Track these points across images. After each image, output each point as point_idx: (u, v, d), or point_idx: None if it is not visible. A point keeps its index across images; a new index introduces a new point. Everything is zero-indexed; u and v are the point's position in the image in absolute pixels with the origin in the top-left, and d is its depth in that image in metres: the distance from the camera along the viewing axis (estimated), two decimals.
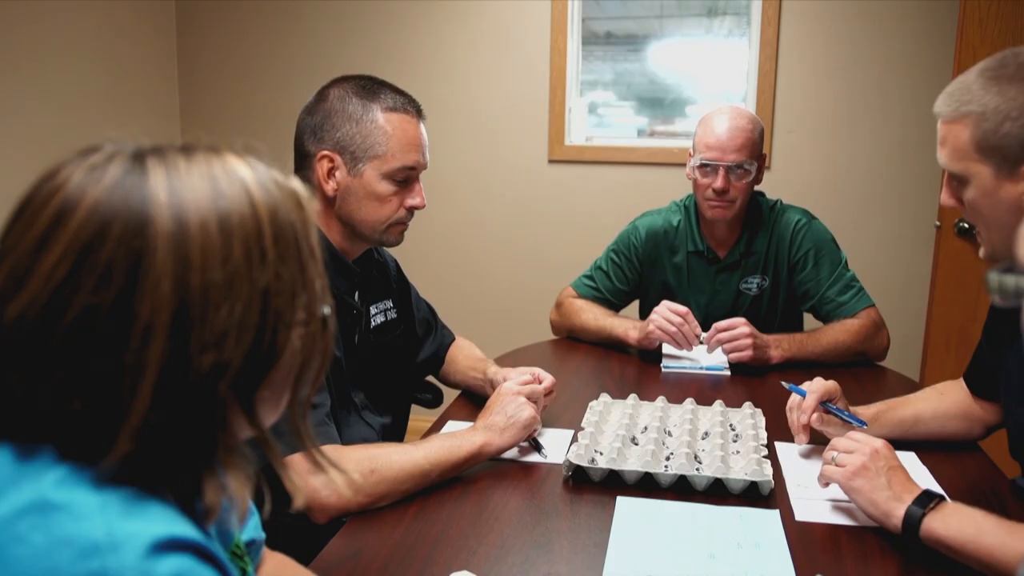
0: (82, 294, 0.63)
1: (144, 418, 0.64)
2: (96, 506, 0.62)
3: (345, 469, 0.86)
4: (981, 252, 1.33)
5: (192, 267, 0.64)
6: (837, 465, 1.29)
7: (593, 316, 2.25)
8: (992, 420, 1.58)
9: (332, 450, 1.33)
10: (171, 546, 0.61)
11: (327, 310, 0.74)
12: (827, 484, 1.32)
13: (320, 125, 1.49)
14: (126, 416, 0.64)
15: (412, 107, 1.55)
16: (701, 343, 2.07)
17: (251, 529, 0.96)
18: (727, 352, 2.01)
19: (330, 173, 1.50)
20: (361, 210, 1.52)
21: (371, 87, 1.52)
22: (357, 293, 1.64)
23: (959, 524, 1.13)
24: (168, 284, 0.64)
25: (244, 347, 0.66)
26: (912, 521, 1.16)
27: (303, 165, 1.53)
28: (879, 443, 1.28)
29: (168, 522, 0.63)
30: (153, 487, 0.65)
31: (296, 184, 0.74)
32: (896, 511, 1.19)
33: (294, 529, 1.26)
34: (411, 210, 1.57)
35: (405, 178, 1.54)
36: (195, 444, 0.68)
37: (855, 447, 1.28)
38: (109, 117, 3.31)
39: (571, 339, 2.31)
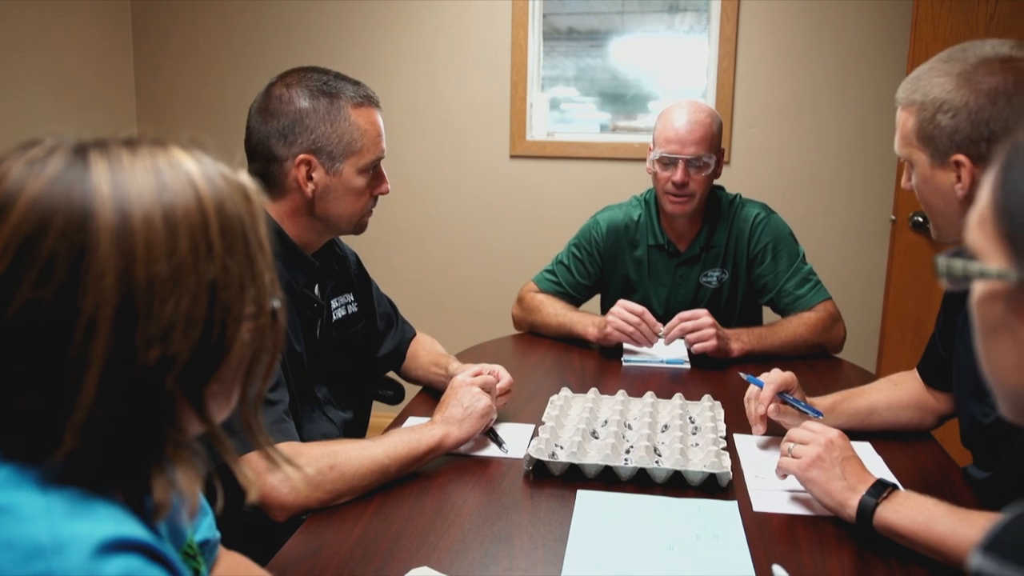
0: (23, 289, 0.62)
1: (89, 414, 0.62)
2: (40, 507, 0.61)
3: (299, 465, 0.85)
4: (932, 231, 1.39)
5: (136, 260, 0.63)
6: (793, 456, 1.31)
7: (553, 311, 2.25)
8: (945, 410, 1.61)
9: (290, 447, 1.31)
10: (118, 547, 0.60)
11: (277, 303, 0.74)
12: (784, 475, 1.34)
13: (290, 129, 1.48)
14: (71, 413, 0.62)
15: (372, 98, 1.56)
16: (660, 336, 2.09)
17: (205, 529, 0.95)
18: (691, 342, 2.03)
19: (308, 175, 1.49)
20: (340, 205, 1.54)
21: (331, 82, 1.51)
22: (317, 287, 1.62)
23: (911, 512, 1.15)
24: (112, 278, 0.62)
25: (191, 341, 0.66)
26: (866, 511, 1.18)
27: (270, 169, 1.50)
28: (834, 434, 1.30)
29: (115, 522, 0.62)
30: (100, 486, 0.64)
31: (244, 177, 0.73)
32: (850, 501, 1.21)
33: (254, 528, 1.25)
34: (377, 197, 1.61)
35: (374, 168, 1.56)
36: (142, 440, 0.66)
37: (811, 438, 1.30)
38: (64, 113, 3.24)
39: (533, 334, 2.31)
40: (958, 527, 1.11)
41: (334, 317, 1.67)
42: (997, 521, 0.54)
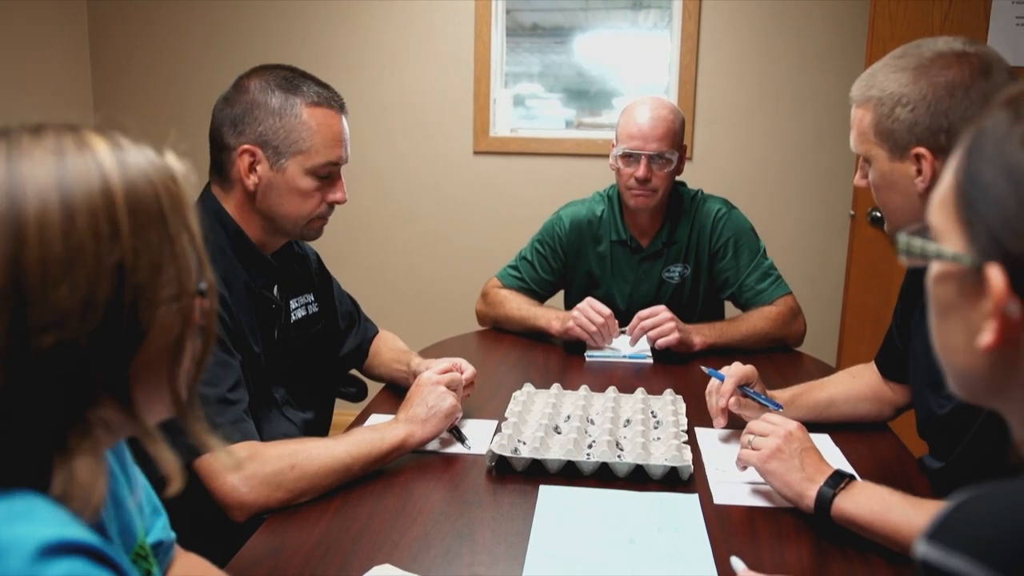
0: None
1: None
2: None
3: (230, 451, 0.84)
4: (886, 227, 1.41)
5: (27, 243, 0.62)
6: (753, 448, 1.32)
7: (517, 306, 2.25)
8: (901, 402, 1.64)
9: (249, 447, 1.30)
10: (61, 549, 0.58)
11: (204, 286, 0.72)
12: (744, 467, 1.35)
13: (240, 118, 1.46)
14: None
15: (335, 101, 1.53)
16: (623, 333, 2.10)
17: (159, 530, 0.93)
18: (653, 339, 2.04)
19: (251, 167, 1.47)
20: (283, 205, 1.50)
21: (293, 79, 1.49)
22: (276, 287, 1.60)
23: (867, 502, 1.17)
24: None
25: (92, 325, 0.64)
26: (824, 501, 1.20)
27: (221, 158, 1.49)
28: (793, 425, 1.31)
29: (58, 524, 0.60)
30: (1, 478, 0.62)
31: (170, 159, 0.72)
32: (809, 492, 1.22)
33: (213, 528, 1.23)
34: (332, 204, 1.56)
35: (328, 173, 1.52)
36: (39, 428, 0.65)
37: (770, 430, 1.31)
38: (19, 111, 3.17)
39: (496, 330, 2.31)
40: (913, 516, 1.13)
41: (293, 318, 1.65)
42: (941, 509, 0.55)
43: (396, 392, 1.79)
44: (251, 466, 1.26)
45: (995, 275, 0.56)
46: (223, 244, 1.48)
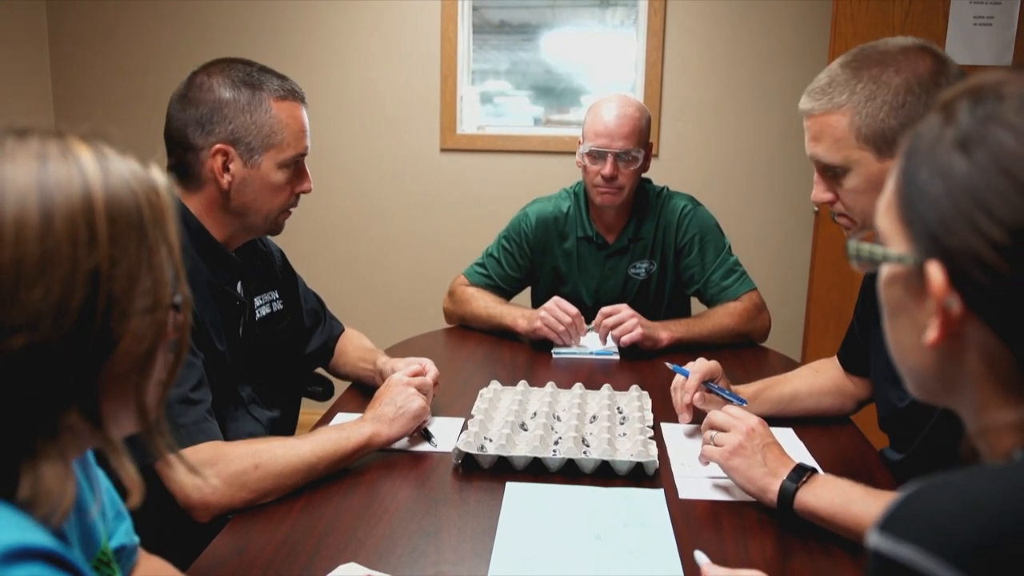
0: None
1: None
2: None
3: (203, 474, 0.83)
4: (849, 234, 1.40)
5: (2, 244, 0.61)
6: (716, 444, 1.33)
7: (483, 304, 2.25)
8: (863, 395, 1.66)
9: (213, 447, 1.29)
10: (21, 555, 0.57)
11: (179, 299, 0.72)
12: (708, 463, 1.36)
13: (208, 117, 1.44)
14: None
15: (297, 93, 1.53)
16: (590, 330, 2.11)
17: (122, 534, 0.92)
18: (617, 336, 2.05)
19: (224, 166, 1.46)
20: (257, 200, 1.50)
21: (254, 74, 1.48)
22: (240, 284, 1.59)
23: (829, 495, 1.19)
24: None
25: (63, 329, 0.63)
26: (786, 495, 1.21)
27: (187, 159, 1.47)
28: (754, 421, 1.32)
29: (17, 529, 0.59)
30: None
31: (154, 171, 0.71)
32: (771, 486, 1.23)
33: (177, 529, 1.22)
34: (299, 195, 1.58)
35: (296, 165, 1.53)
36: (6, 432, 0.64)
37: (732, 424, 1.32)
38: None
39: (463, 327, 2.31)
40: (873, 508, 1.14)
41: (258, 315, 1.64)
42: (892, 500, 0.56)
43: (362, 391, 1.78)
44: (214, 466, 1.25)
45: (934, 271, 0.58)
46: (184, 241, 1.47)
